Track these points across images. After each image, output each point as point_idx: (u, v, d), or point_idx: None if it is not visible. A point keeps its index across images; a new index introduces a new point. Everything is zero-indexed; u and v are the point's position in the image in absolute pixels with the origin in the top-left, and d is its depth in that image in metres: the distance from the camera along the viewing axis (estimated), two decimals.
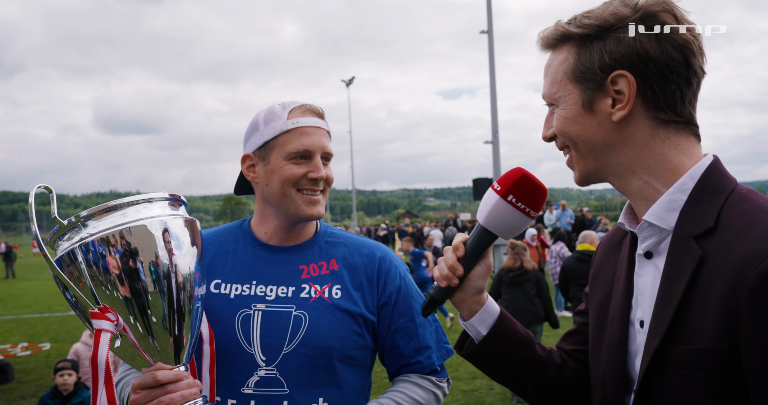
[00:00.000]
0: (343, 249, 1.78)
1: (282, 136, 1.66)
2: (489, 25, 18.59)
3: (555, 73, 1.18)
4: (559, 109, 1.18)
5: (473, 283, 1.33)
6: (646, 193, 1.14)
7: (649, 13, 1.09)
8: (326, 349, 1.61)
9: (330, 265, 1.73)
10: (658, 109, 1.10)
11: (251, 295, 1.65)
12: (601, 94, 1.12)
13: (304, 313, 1.63)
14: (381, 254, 1.80)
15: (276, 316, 1.62)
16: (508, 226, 1.28)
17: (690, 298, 1.02)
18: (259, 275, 1.68)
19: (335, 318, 1.64)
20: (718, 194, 1.07)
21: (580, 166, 1.20)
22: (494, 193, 1.27)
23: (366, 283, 1.72)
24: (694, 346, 1.01)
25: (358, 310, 1.68)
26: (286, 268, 1.70)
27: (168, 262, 1.35)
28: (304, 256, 1.73)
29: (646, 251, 1.16)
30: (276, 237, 1.74)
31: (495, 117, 18.38)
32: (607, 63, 1.10)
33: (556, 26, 1.18)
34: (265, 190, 1.69)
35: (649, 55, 1.08)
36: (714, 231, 1.03)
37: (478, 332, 1.36)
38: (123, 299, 1.32)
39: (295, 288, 1.66)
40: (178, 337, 1.39)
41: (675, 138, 1.12)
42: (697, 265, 1.02)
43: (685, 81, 1.10)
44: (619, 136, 1.13)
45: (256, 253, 1.73)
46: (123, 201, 1.37)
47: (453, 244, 1.34)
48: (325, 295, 1.66)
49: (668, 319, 1.04)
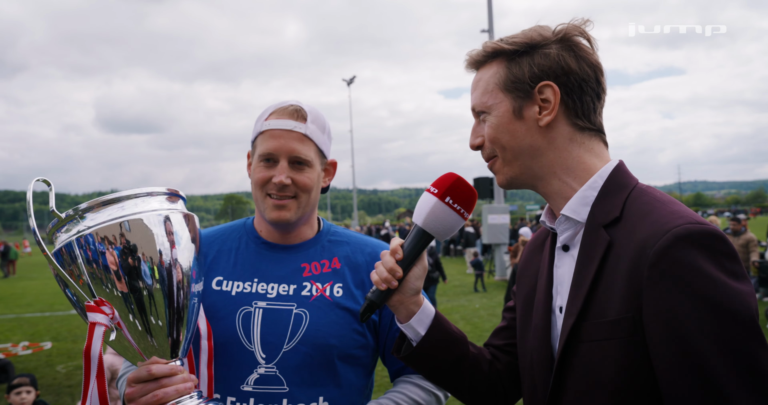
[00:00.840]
0: (345, 248, 1.78)
1: (259, 137, 1.69)
2: (490, 24, 18.59)
3: (486, 84, 1.31)
4: (490, 117, 1.31)
5: (411, 284, 1.39)
6: (564, 192, 1.28)
7: (567, 37, 1.27)
8: (326, 347, 1.61)
9: (332, 263, 1.73)
10: (576, 116, 1.27)
11: (252, 292, 1.66)
12: (529, 102, 1.26)
13: (305, 311, 1.63)
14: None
15: (276, 314, 1.62)
16: (445, 227, 1.35)
17: (600, 279, 1.15)
18: (261, 273, 1.69)
19: (336, 316, 1.64)
20: (622, 189, 1.23)
21: (506, 171, 1.32)
22: (431, 195, 1.34)
23: (368, 281, 1.72)
24: (602, 320, 1.13)
25: (360, 308, 1.67)
26: (288, 266, 1.70)
27: (166, 256, 1.35)
28: (306, 254, 1.74)
29: (564, 244, 1.29)
30: (272, 235, 1.75)
31: None
32: (536, 74, 1.25)
33: (485, 46, 1.32)
34: (252, 189, 1.73)
35: (570, 68, 1.25)
36: (620, 220, 1.18)
37: (417, 333, 1.41)
38: (120, 294, 1.32)
39: (296, 286, 1.67)
40: (174, 333, 1.39)
41: (589, 143, 1.28)
42: (605, 250, 1.16)
43: (596, 95, 1.28)
44: (543, 140, 1.27)
45: (258, 250, 1.74)
46: (122, 194, 1.37)
47: (391, 247, 1.39)
48: (326, 294, 1.67)
49: (581, 299, 1.17)
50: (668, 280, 1.05)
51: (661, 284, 1.05)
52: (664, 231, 1.07)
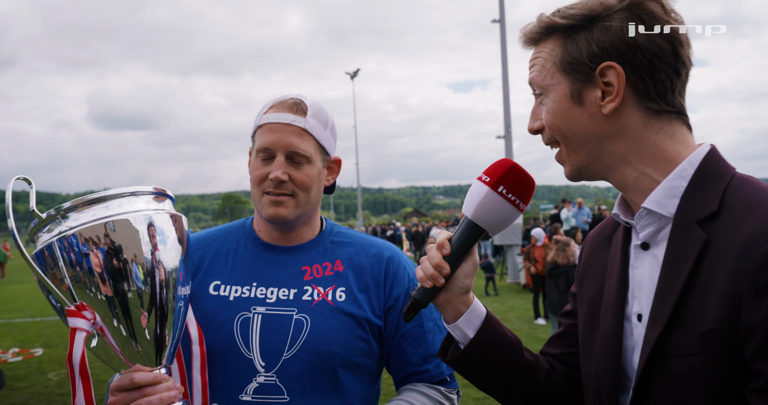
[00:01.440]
0: (349, 249, 1.76)
1: (257, 131, 1.68)
2: (501, 14, 18.56)
3: (543, 62, 1.20)
4: (547, 100, 1.21)
5: (459, 283, 1.31)
6: (643, 184, 1.16)
7: (635, 3, 1.12)
8: (328, 355, 1.60)
9: (335, 266, 1.71)
10: (649, 99, 1.13)
11: (251, 297, 1.64)
12: (590, 85, 1.15)
13: (306, 316, 1.62)
14: (389, 254, 1.78)
15: (276, 320, 1.61)
16: (498, 220, 1.26)
17: (693, 284, 1.04)
18: (260, 276, 1.68)
19: (338, 322, 1.63)
20: (719, 179, 1.10)
21: (572, 161, 1.22)
22: (483, 184, 1.25)
23: (372, 284, 1.71)
24: (694, 331, 1.02)
25: (363, 314, 1.66)
26: (288, 269, 1.69)
27: (150, 258, 1.35)
28: (307, 256, 1.72)
29: (643, 242, 1.18)
30: (270, 236, 1.74)
31: (507, 110, 18.35)
32: (596, 53, 1.13)
33: (539, 20, 1.20)
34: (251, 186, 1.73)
35: (636, 43, 1.11)
36: (718, 215, 1.06)
37: (465, 335, 1.34)
38: (104, 298, 1.31)
39: (297, 290, 1.65)
40: (159, 338, 1.38)
41: (668, 128, 1.15)
42: (701, 250, 1.04)
43: (674, 71, 1.13)
44: (611, 128, 1.15)
45: (257, 253, 1.72)
46: (107, 193, 1.37)
47: (438, 242, 1.31)
48: (328, 298, 1.65)
49: (670, 307, 1.06)
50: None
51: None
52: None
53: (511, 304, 13.84)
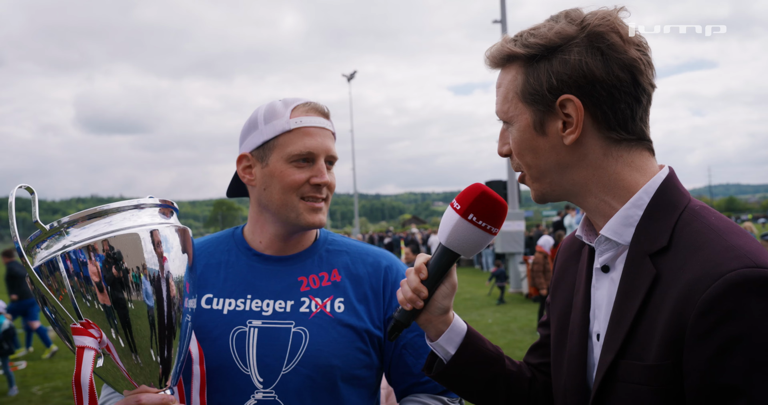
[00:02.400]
0: (345, 258, 1.76)
1: (283, 136, 1.64)
2: (502, 15, 18.63)
3: (506, 91, 1.26)
4: (513, 129, 1.27)
5: (438, 304, 1.40)
6: (603, 210, 1.23)
7: (595, 33, 1.16)
8: (329, 368, 1.59)
9: (332, 275, 1.71)
10: (609, 129, 1.19)
11: (246, 310, 1.63)
12: (551, 116, 1.20)
13: (305, 329, 1.61)
14: (387, 263, 1.79)
15: (274, 334, 1.60)
16: (470, 245, 1.35)
17: (642, 316, 1.11)
18: (255, 288, 1.66)
19: (338, 334, 1.63)
20: (672, 210, 1.16)
21: (536, 187, 1.30)
22: (454, 212, 1.34)
23: (371, 294, 1.71)
24: (640, 362, 1.10)
25: (363, 325, 1.66)
26: (284, 280, 1.68)
27: (156, 269, 1.34)
28: (303, 266, 1.71)
29: (603, 265, 1.25)
30: (273, 246, 1.72)
31: None
32: (555, 85, 1.17)
33: (502, 45, 1.25)
34: (263, 195, 1.67)
35: (595, 76, 1.15)
36: (668, 250, 1.12)
37: (446, 352, 1.44)
38: (105, 311, 1.30)
39: (294, 302, 1.65)
40: (165, 354, 1.37)
41: (628, 155, 1.21)
42: (651, 284, 1.11)
43: (634, 99, 1.18)
44: (572, 157, 1.21)
45: (250, 264, 1.71)
46: (110, 207, 1.35)
47: (415, 266, 1.40)
48: (326, 310, 1.65)
49: (622, 335, 1.13)
50: (717, 335, 1.00)
51: (710, 339, 1.01)
52: (715, 275, 1.02)
53: (513, 314, 13.83)
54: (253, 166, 1.69)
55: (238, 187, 1.81)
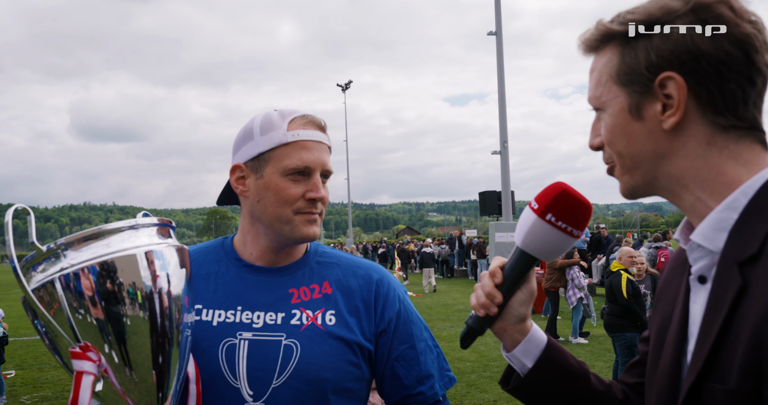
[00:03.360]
0: (336, 270, 1.75)
1: (280, 148, 1.62)
2: (498, 26, 18.77)
3: (599, 75, 1.15)
4: (605, 115, 1.15)
5: (514, 311, 1.30)
6: (699, 210, 1.10)
7: (701, 5, 1.04)
8: (320, 381, 1.58)
9: (323, 288, 1.70)
10: (716, 112, 1.05)
11: (236, 322, 1.62)
12: (649, 98, 1.08)
13: (296, 342, 1.60)
14: (378, 276, 1.78)
15: (264, 346, 1.59)
16: (549, 248, 1.25)
17: (726, 334, 0.99)
18: (245, 300, 1.65)
19: (329, 347, 1.62)
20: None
21: (626, 180, 1.16)
22: (531, 212, 1.24)
23: (362, 307, 1.70)
24: (722, 386, 0.97)
25: (355, 338, 1.65)
26: (275, 292, 1.67)
27: (151, 283, 1.33)
28: (293, 278, 1.70)
29: (699, 275, 1.11)
30: (264, 258, 1.71)
31: (504, 125, 18.46)
32: (655, 62, 1.05)
33: (597, 26, 1.15)
34: (256, 207, 1.66)
35: (701, 51, 1.03)
36: (758, 258, 0.98)
37: (523, 365, 1.33)
38: (98, 326, 1.29)
39: (284, 314, 1.63)
40: (162, 372, 1.35)
41: (735, 147, 1.06)
42: (736, 296, 0.98)
43: (747, 80, 1.03)
44: (671, 145, 1.08)
45: (240, 275, 1.70)
46: (106, 228, 1.34)
47: (490, 269, 1.31)
48: (317, 322, 1.64)
49: (705, 354, 1.01)
50: None
51: None
52: None
53: None
54: (246, 177, 1.67)
55: (229, 196, 1.80)
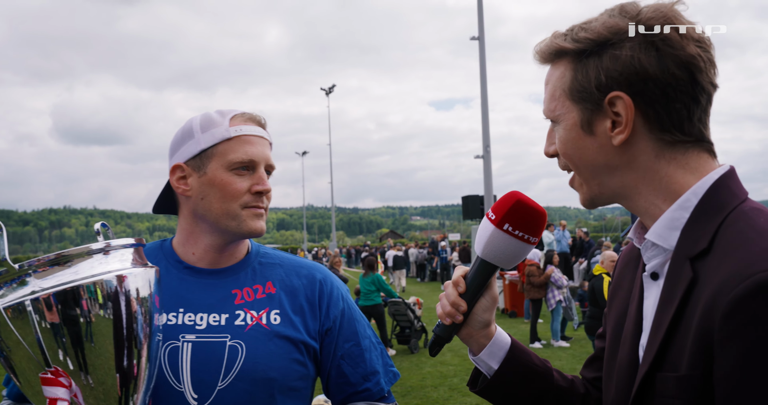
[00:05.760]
0: (279, 270, 1.75)
1: (223, 144, 1.62)
2: (480, 31, 18.87)
3: (553, 89, 1.20)
4: (559, 128, 1.20)
5: (479, 317, 1.36)
6: (652, 212, 1.16)
7: (650, 27, 1.09)
8: (266, 381, 1.58)
9: (266, 288, 1.69)
10: (662, 130, 1.11)
11: (179, 324, 1.60)
12: (600, 114, 1.13)
13: (240, 342, 1.59)
14: (321, 276, 1.79)
15: (209, 348, 1.58)
16: (508, 256, 1.30)
17: (678, 324, 1.05)
18: (187, 302, 1.63)
19: (275, 346, 1.61)
20: (719, 211, 1.08)
21: (584, 190, 1.22)
22: (489, 222, 1.28)
23: (307, 306, 1.71)
24: (673, 374, 1.03)
25: (300, 336, 1.66)
26: (218, 293, 1.65)
27: (116, 284, 1.30)
28: (236, 279, 1.69)
29: (652, 272, 1.18)
30: (206, 258, 1.69)
31: (486, 130, 18.56)
32: (604, 82, 1.11)
33: (551, 40, 1.20)
34: (200, 205, 1.64)
35: (648, 73, 1.08)
36: (708, 252, 1.04)
37: (489, 367, 1.38)
38: (66, 348, 1.25)
39: (228, 315, 1.62)
40: (127, 378, 1.33)
41: (682, 157, 1.13)
42: (687, 289, 1.04)
43: (691, 99, 1.10)
44: (621, 159, 1.15)
45: (181, 277, 1.67)
46: (73, 251, 1.31)
47: (453, 279, 1.36)
48: (262, 322, 1.63)
49: (657, 344, 1.07)
50: (741, 338, 0.92)
51: (733, 343, 0.93)
52: (745, 275, 0.94)
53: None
54: (188, 176, 1.65)
55: (166, 204, 1.78)
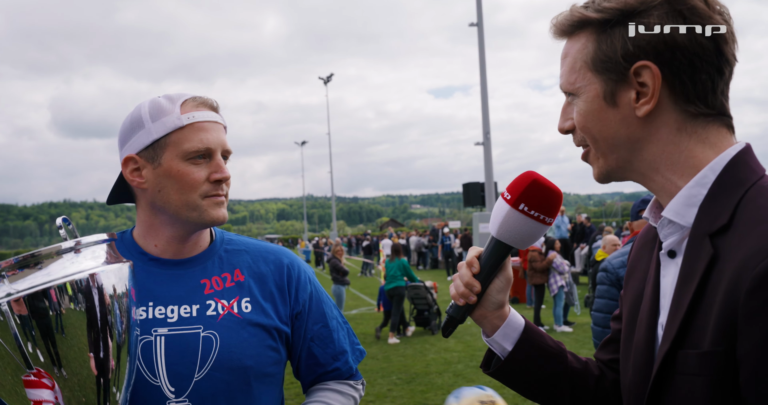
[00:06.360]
0: (245, 257, 1.73)
1: (176, 133, 1.56)
2: (479, 17, 18.76)
3: (573, 61, 1.17)
4: (579, 101, 1.17)
5: (493, 298, 1.35)
6: (668, 189, 1.15)
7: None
8: (242, 369, 1.58)
9: (234, 276, 1.68)
10: (687, 101, 1.09)
11: (149, 318, 1.57)
12: (624, 85, 1.11)
13: (214, 332, 1.58)
14: (288, 260, 1.78)
15: (182, 340, 1.56)
16: (523, 237, 1.28)
17: (700, 301, 1.03)
18: (155, 295, 1.60)
19: (248, 334, 1.61)
20: (738, 187, 1.06)
21: (600, 164, 1.20)
22: (504, 202, 1.27)
23: (277, 292, 1.70)
24: (695, 351, 1.02)
25: (272, 323, 1.65)
26: (186, 284, 1.63)
27: (90, 282, 1.27)
28: (203, 268, 1.67)
29: (669, 250, 1.16)
30: (169, 250, 1.65)
31: (486, 117, 18.50)
32: (631, 51, 1.08)
33: (572, 11, 1.17)
34: (158, 197, 1.59)
35: (676, 43, 1.06)
36: (728, 228, 1.03)
37: (503, 348, 1.38)
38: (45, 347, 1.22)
39: (199, 306, 1.60)
40: (105, 375, 1.30)
41: (703, 131, 1.11)
42: (707, 265, 1.03)
43: (716, 70, 1.08)
44: (643, 132, 1.12)
45: (147, 269, 1.63)
46: (42, 251, 1.26)
47: (467, 260, 1.35)
48: (234, 311, 1.62)
49: (678, 322, 1.05)
50: (766, 314, 0.91)
51: (759, 319, 0.92)
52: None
53: None
54: (142, 168, 1.60)
55: (120, 193, 1.73)
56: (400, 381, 8.64)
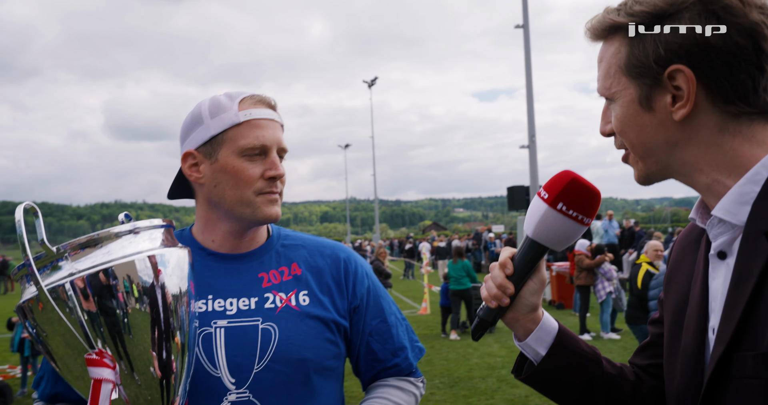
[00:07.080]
0: (302, 251, 1.74)
1: (233, 129, 1.58)
2: (525, 19, 18.55)
3: (608, 66, 1.15)
4: (615, 106, 1.15)
5: (526, 301, 1.30)
6: (716, 189, 1.11)
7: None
8: (301, 361, 1.58)
9: (292, 269, 1.69)
10: (726, 102, 1.06)
11: (209, 311, 1.59)
12: (659, 89, 1.09)
13: (273, 325, 1.58)
14: (345, 255, 1.78)
15: (241, 332, 1.57)
16: (560, 237, 1.24)
17: (758, 301, 0.99)
18: (215, 288, 1.62)
19: (307, 327, 1.61)
20: None
21: (640, 168, 1.18)
22: (541, 201, 1.23)
23: (334, 286, 1.70)
24: (752, 352, 0.98)
25: (330, 315, 1.65)
26: (244, 278, 1.64)
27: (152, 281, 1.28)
28: (261, 262, 1.68)
29: (719, 250, 1.12)
30: (226, 244, 1.67)
31: (532, 119, 18.27)
32: (663, 56, 1.06)
33: (603, 15, 1.15)
34: (213, 192, 1.62)
35: (710, 44, 1.03)
36: None
37: (536, 353, 1.34)
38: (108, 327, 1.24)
39: (257, 298, 1.61)
40: (166, 366, 1.31)
41: (748, 130, 1.08)
42: (765, 264, 0.99)
43: (756, 68, 1.04)
44: (682, 134, 1.09)
45: (206, 264, 1.65)
46: (104, 233, 1.29)
47: (500, 260, 1.30)
48: (292, 303, 1.62)
49: (734, 324, 1.01)
50: None
51: None
52: None
53: None
54: (200, 163, 1.63)
55: (180, 189, 1.75)
56: (442, 385, 8.61)
